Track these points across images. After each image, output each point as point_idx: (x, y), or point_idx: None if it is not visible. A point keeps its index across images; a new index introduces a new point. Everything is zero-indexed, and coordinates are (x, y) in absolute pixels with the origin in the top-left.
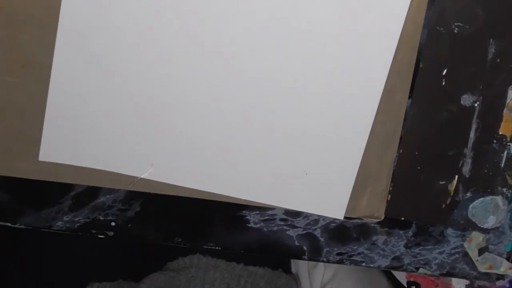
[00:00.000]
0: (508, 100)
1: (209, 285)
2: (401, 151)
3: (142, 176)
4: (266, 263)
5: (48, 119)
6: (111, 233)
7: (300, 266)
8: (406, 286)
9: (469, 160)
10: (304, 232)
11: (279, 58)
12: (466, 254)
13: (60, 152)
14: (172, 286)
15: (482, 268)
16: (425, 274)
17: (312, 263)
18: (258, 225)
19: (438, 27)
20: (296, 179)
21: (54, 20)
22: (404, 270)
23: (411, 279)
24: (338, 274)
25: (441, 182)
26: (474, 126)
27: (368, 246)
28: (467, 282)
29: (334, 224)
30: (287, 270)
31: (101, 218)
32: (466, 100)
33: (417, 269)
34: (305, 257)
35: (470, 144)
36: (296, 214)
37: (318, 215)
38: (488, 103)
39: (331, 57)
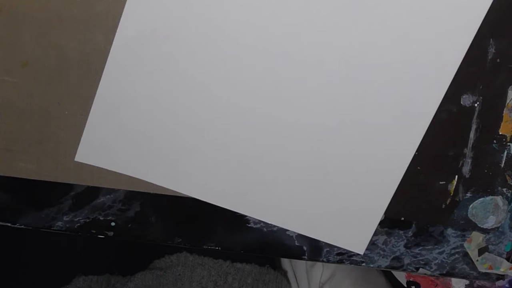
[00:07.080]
0: (508, 100)
1: (196, 283)
2: None
3: (183, 192)
4: (253, 260)
5: (91, 122)
6: (111, 233)
7: (298, 266)
8: (405, 286)
9: (469, 160)
10: None
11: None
12: (466, 254)
13: (97, 155)
14: (159, 285)
15: (482, 268)
16: (425, 274)
17: (310, 262)
18: (258, 225)
19: None
20: (326, 211)
21: (54, 20)
22: (404, 270)
23: (411, 279)
24: (337, 274)
25: (441, 182)
26: (474, 126)
27: (368, 246)
28: (467, 282)
29: None
30: (275, 266)
31: (101, 218)
32: (466, 100)
33: (417, 269)
34: (305, 257)
35: (470, 144)
36: None
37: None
38: (488, 103)
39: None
